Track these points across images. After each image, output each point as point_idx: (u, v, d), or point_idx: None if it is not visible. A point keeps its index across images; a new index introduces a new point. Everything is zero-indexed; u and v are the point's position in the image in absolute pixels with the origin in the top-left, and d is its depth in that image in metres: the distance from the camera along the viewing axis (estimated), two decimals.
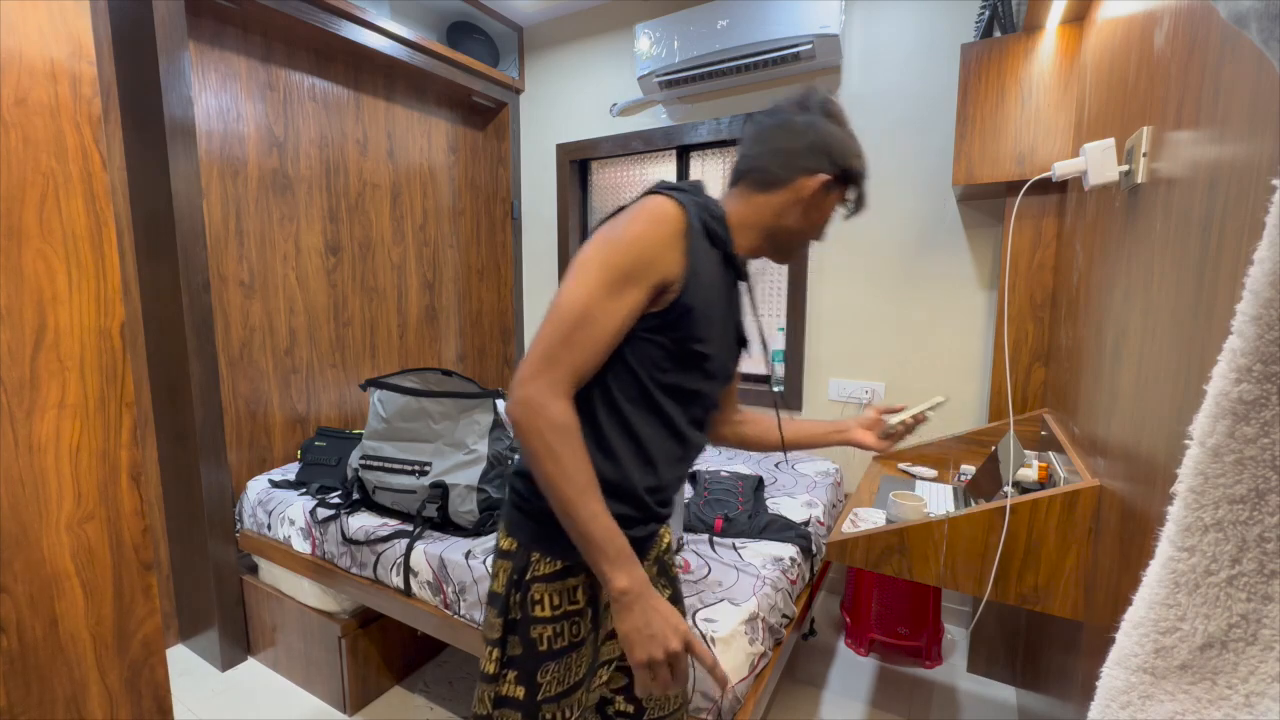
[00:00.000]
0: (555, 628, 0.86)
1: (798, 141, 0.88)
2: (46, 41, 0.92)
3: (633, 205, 0.83)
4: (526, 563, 0.86)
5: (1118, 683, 0.43)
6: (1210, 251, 0.65)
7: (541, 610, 0.86)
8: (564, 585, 0.87)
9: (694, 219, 0.82)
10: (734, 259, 0.90)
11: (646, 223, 0.79)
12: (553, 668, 0.87)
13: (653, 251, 0.78)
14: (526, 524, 0.87)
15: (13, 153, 0.89)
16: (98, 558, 1.02)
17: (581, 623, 0.88)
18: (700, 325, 0.83)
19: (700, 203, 0.86)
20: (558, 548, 0.85)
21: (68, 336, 0.97)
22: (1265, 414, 0.36)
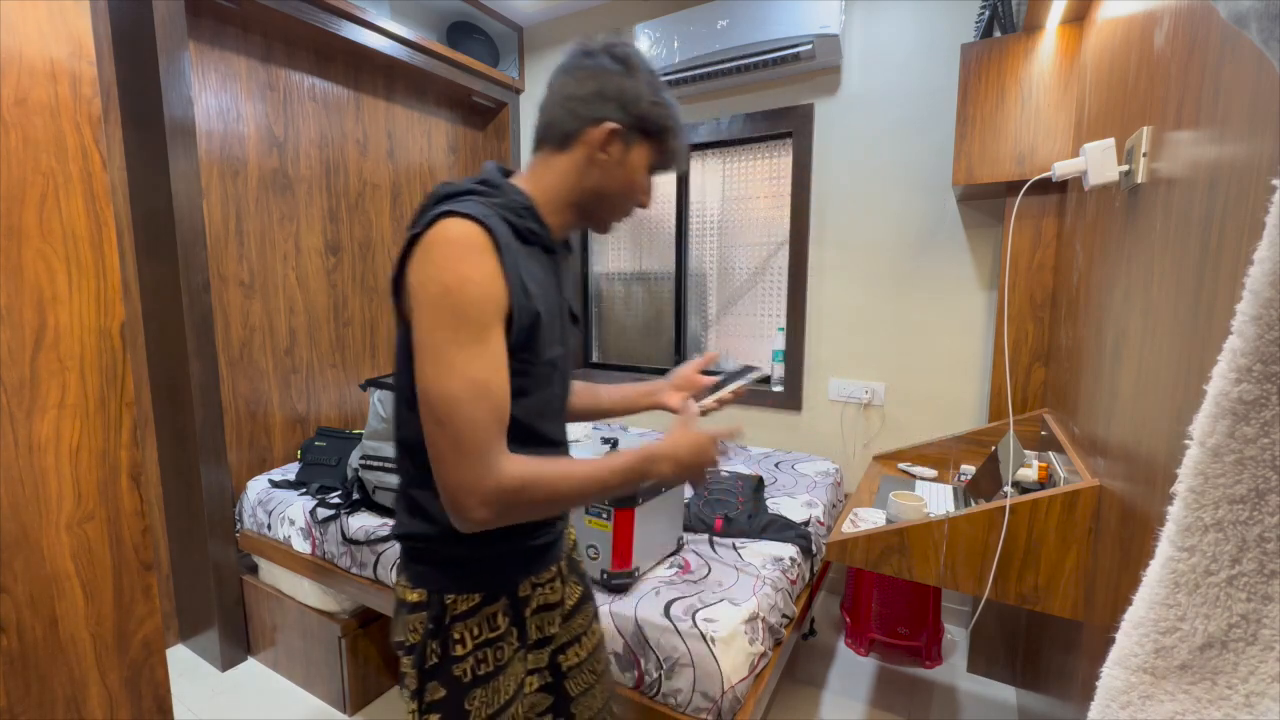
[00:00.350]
0: (477, 656, 0.83)
1: (582, 89, 0.81)
2: (46, 41, 0.92)
3: (431, 239, 0.72)
4: (442, 608, 0.82)
5: (1118, 683, 0.43)
6: (1210, 251, 0.65)
7: (462, 648, 0.83)
8: (484, 615, 0.84)
9: (498, 231, 0.74)
10: (554, 249, 0.86)
11: (464, 260, 0.71)
12: (479, 694, 0.84)
13: (486, 285, 0.72)
14: (433, 572, 0.83)
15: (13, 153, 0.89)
16: (98, 558, 1.02)
17: (505, 645, 0.86)
18: (542, 339, 0.80)
19: (499, 204, 0.78)
20: (472, 582, 0.83)
21: (68, 336, 0.97)
22: (1265, 414, 0.36)
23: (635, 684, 1.25)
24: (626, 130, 0.82)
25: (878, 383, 2.27)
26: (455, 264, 0.71)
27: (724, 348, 2.78)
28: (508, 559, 0.86)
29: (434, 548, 0.83)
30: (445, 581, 0.83)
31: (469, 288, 0.70)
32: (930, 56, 2.05)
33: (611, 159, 0.83)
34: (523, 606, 0.89)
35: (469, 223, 0.72)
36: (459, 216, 0.73)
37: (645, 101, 0.82)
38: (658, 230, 2.85)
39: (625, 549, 1.34)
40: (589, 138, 0.81)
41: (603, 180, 0.84)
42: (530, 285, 0.77)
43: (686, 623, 1.23)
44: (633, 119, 0.82)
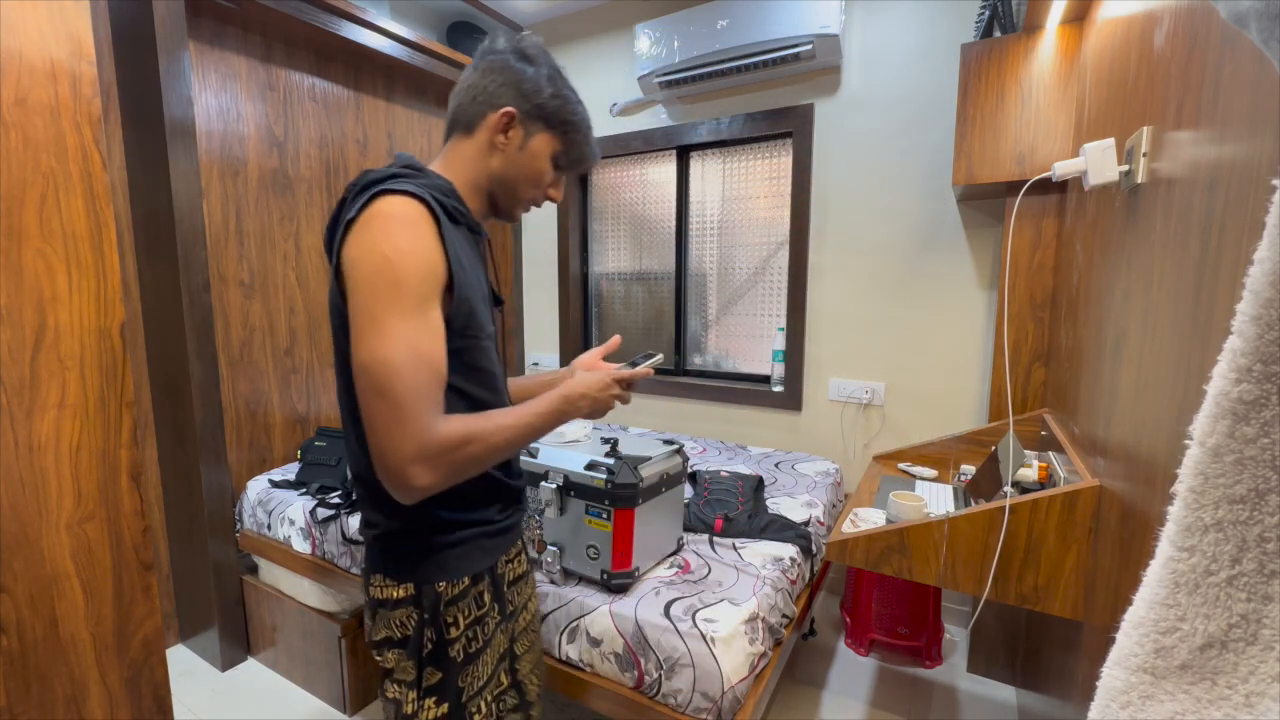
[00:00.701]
0: (468, 635, 0.87)
1: (484, 79, 0.86)
2: (46, 41, 0.92)
3: (370, 214, 0.74)
4: (435, 597, 0.84)
5: (1118, 683, 0.43)
6: (1210, 251, 0.65)
7: (455, 630, 0.86)
8: (473, 594, 0.88)
9: (435, 207, 0.77)
10: (479, 229, 0.90)
11: (403, 232, 0.73)
12: (472, 669, 0.88)
13: (428, 259, 0.74)
14: (420, 563, 0.85)
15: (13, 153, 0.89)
16: (98, 558, 1.02)
17: (490, 619, 0.90)
18: (481, 314, 0.83)
19: (429, 185, 0.81)
20: (459, 567, 0.86)
21: (68, 336, 0.97)
22: (1265, 414, 0.36)
23: (635, 684, 1.25)
24: (524, 116, 0.86)
25: (878, 383, 2.27)
26: (395, 236, 0.72)
27: (724, 348, 2.78)
28: (484, 540, 0.89)
29: (417, 540, 0.85)
30: (433, 571, 0.85)
31: (409, 259, 0.72)
32: (930, 56, 2.05)
33: (511, 144, 0.87)
34: (501, 582, 0.93)
35: (407, 198, 0.74)
36: (396, 194, 0.74)
37: (545, 93, 0.86)
38: (658, 230, 2.85)
39: (625, 549, 1.34)
40: (489, 122, 0.85)
41: (505, 166, 0.88)
42: (465, 261, 0.80)
43: (686, 623, 1.23)
44: (531, 107, 0.86)
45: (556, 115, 0.88)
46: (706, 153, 2.65)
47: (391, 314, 0.71)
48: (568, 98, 0.89)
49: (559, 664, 1.34)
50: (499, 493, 0.92)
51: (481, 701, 0.90)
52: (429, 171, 0.86)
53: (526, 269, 3.18)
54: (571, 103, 0.89)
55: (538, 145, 0.88)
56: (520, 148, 0.88)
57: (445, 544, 0.85)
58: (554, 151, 0.90)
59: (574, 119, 0.89)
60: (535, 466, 1.42)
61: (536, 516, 1.43)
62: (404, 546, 0.85)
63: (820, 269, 2.35)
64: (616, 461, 1.33)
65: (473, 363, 0.83)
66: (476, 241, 0.89)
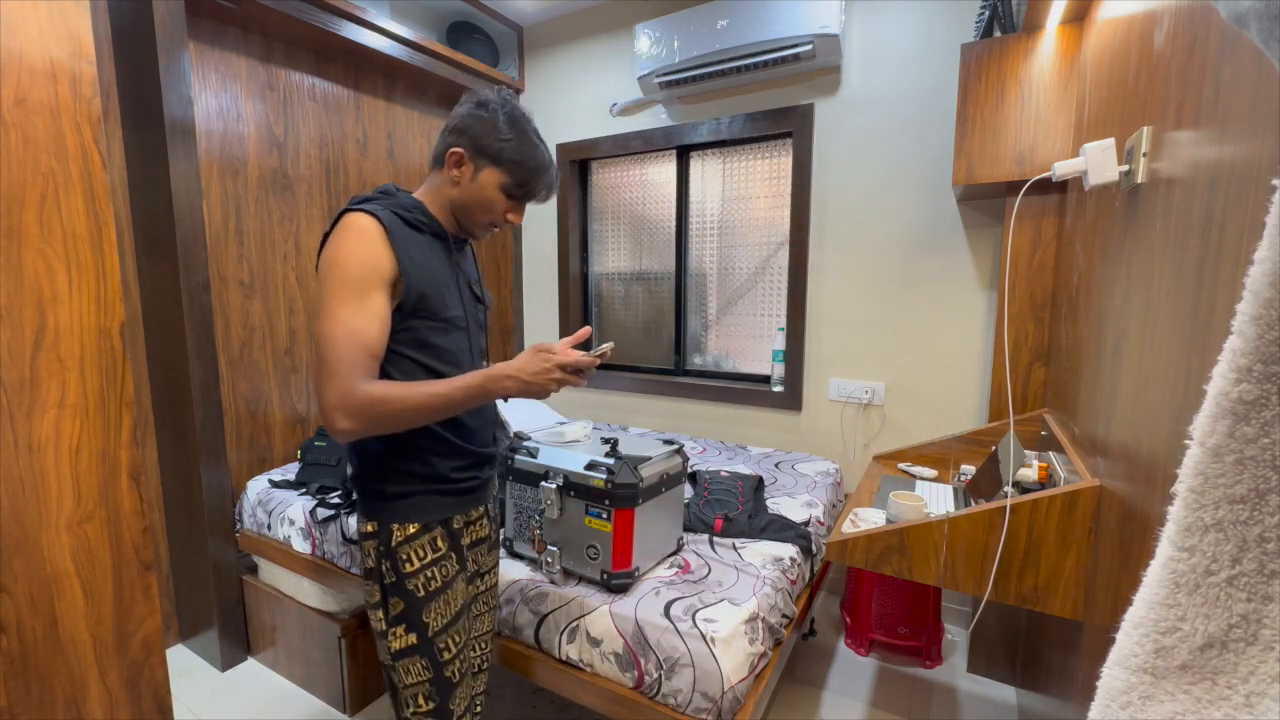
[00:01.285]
0: (427, 574, 1.06)
1: (450, 124, 1.06)
2: (46, 41, 0.92)
3: (335, 229, 0.97)
4: (389, 535, 1.04)
5: (1118, 683, 0.43)
6: (1210, 251, 0.65)
7: (411, 565, 1.04)
8: (425, 539, 1.06)
9: (385, 218, 0.97)
10: (445, 236, 1.08)
11: (353, 240, 0.95)
12: (434, 606, 1.06)
13: (368, 257, 0.94)
14: (380, 505, 1.05)
15: (13, 153, 0.89)
16: (98, 558, 1.02)
17: (448, 565, 1.09)
18: (434, 300, 1.02)
19: (391, 204, 1.02)
20: (409, 514, 1.05)
21: (68, 336, 0.97)
22: (1265, 414, 0.36)
23: (635, 684, 1.25)
24: (473, 155, 1.04)
25: (878, 383, 2.27)
26: (345, 242, 0.95)
27: (724, 348, 2.78)
28: (436, 495, 1.07)
29: (375, 486, 1.05)
30: (389, 514, 1.05)
31: (353, 259, 0.94)
32: (930, 56, 2.05)
33: (464, 177, 1.05)
34: (458, 537, 1.12)
35: (361, 214, 0.97)
36: (355, 211, 0.98)
37: (492, 136, 1.03)
38: (658, 230, 2.85)
39: (625, 549, 1.34)
40: (447, 159, 1.05)
41: (461, 195, 1.07)
42: (418, 259, 1.00)
43: (686, 623, 1.23)
44: (478, 148, 1.03)
45: (502, 154, 1.03)
46: (706, 153, 2.65)
47: (334, 300, 0.93)
48: (517, 141, 1.04)
49: (559, 664, 1.34)
50: (455, 454, 1.09)
51: (449, 639, 1.08)
52: (402, 194, 1.06)
53: (526, 269, 3.18)
54: (520, 144, 1.04)
55: (485, 178, 1.05)
56: (471, 180, 1.05)
57: (398, 493, 1.04)
58: (501, 184, 1.05)
59: (519, 157, 1.04)
60: (535, 466, 1.42)
61: (536, 516, 1.43)
62: (371, 490, 1.06)
63: (820, 269, 2.35)
64: (616, 461, 1.33)
65: (425, 339, 1.02)
66: (445, 245, 1.09)
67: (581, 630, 1.31)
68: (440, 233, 1.08)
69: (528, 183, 1.07)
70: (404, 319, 1.00)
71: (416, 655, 1.06)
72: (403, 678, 1.08)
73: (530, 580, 1.43)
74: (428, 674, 1.07)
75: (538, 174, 1.07)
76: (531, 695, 1.87)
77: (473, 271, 1.19)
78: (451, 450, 1.08)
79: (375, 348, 0.95)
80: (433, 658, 1.07)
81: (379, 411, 0.92)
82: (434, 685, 1.08)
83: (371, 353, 0.94)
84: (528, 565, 1.49)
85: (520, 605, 1.40)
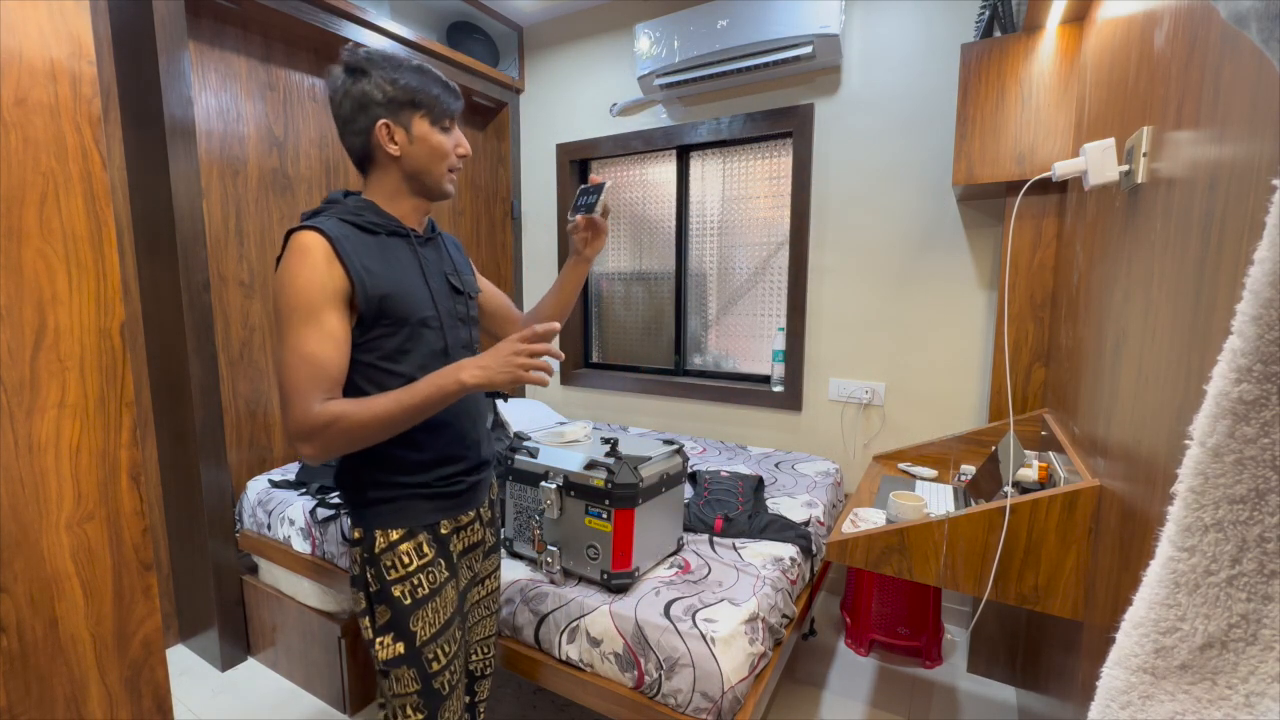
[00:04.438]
0: (414, 580, 1.02)
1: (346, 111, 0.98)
2: (46, 41, 0.92)
3: (283, 253, 0.94)
4: (372, 541, 1.02)
5: (1118, 683, 0.43)
6: (1210, 251, 0.65)
7: (396, 572, 1.01)
8: (409, 545, 1.03)
9: (333, 231, 0.93)
10: (405, 232, 1.03)
11: (297, 262, 0.91)
12: (421, 614, 1.02)
13: (316, 278, 0.90)
14: (363, 511, 1.03)
15: (13, 153, 0.89)
16: (98, 558, 1.02)
17: (436, 571, 1.05)
18: (400, 303, 0.98)
19: (338, 212, 0.97)
20: (391, 520, 1.02)
21: (68, 336, 0.97)
22: (1265, 414, 0.36)
23: (635, 684, 1.25)
24: (393, 117, 0.97)
25: (878, 383, 2.27)
26: (290, 266, 0.92)
27: (724, 348, 2.78)
28: (419, 500, 1.04)
29: (357, 492, 1.03)
30: (371, 519, 1.02)
31: (298, 281, 0.90)
32: (930, 56, 2.05)
33: (402, 144, 0.99)
34: (446, 543, 1.07)
35: (306, 231, 0.93)
36: (299, 230, 0.93)
37: (389, 88, 0.96)
38: (658, 230, 2.85)
39: (625, 549, 1.34)
40: (377, 141, 0.98)
41: (408, 163, 1.01)
42: (373, 266, 0.95)
43: (686, 623, 1.23)
44: (392, 107, 0.97)
45: (409, 96, 0.97)
46: (706, 153, 2.65)
47: (286, 327, 0.91)
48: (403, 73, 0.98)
49: (559, 664, 1.34)
50: (438, 457, 1.05)
51: (439, 649, 1.04)
52: (351, 198, 1.02)
53: (526, 269, 3.18)
54: (407, 72, 0.98)
55: (417, 128, 0.99)
56: (410, 140, 0.99)
57: (380, 499, 1.02)
58: (429, 119, 1.00)
59: (417, 84, 0.98)
60: (535, 466, 1.42)
61: (537, 516, 1.43)
62: (358, 501, 1.04)
63: (820, 269, 2.35)
64: (616, 461, 1.33)
65: (398, 346, 0.99)
66: (407, 241, 1.03)
67: (581, 630, 1.31)
68: (398, 229, 1.02)
69: (440, 101, 1.01)
70: (367, 330, 0.96)
71: (405, 665, 1.03)
72: (392, 686, 1.05)
73: (530, 580, 1.43)
74: (416, 685, 1.04)
75: (439, 86, 1.01)
76: (531, 695, 1.87)
77: (450, 262, 1.12)
78: (433, 453, 1.05)
79: (332, 369, 0.91)
80: (421, 668, 1.03)
81: (337, 430, 0.89)
82: (422, 696, 1.04)
83: (327, 375, 0.90)
84: (528, 565, 1.49)
85: (520, 605, 1.40)
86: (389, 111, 0.97)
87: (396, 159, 0.99)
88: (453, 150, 1.03)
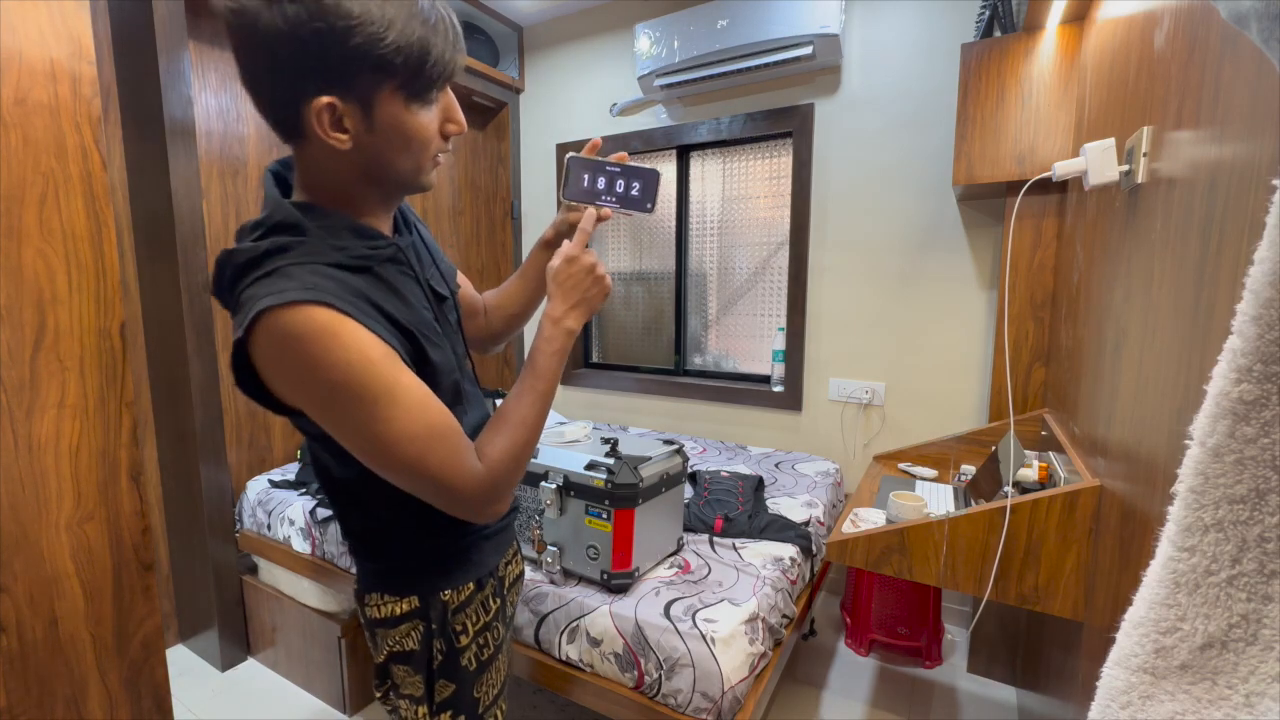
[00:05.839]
0: (478, 642, 0.84)
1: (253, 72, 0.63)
2: (46, 41, 0.92)
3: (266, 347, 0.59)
4: (442, 605, 0.80)
5: (1118, 683, 0.43)
6: (1210, 251, 0.65)
7: (465, 638, 0.82)
8: (480, 598, 0.84)
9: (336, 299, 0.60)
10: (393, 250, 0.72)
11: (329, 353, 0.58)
12: (486, 677, 0.85)
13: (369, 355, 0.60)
14: (422, 574, 0.80)
15: (13, 153, 0.89)
16: (98, 558, 1.02)
17: (499, 625, 0.87)
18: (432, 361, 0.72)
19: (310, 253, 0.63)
20: (463, 574, 0.82)
21: (68, 336, 0.97)
22: (1265, 414, 0.36)
23: (635, 684, 1.25)
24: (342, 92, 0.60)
25: (878, 383, 2.27)
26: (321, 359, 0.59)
27: (724, 348, 2.78)
28: (485, 543, 0.85)
29: (415, 553, 0.80)
30: (437, 580, 0.80)
31: (354, 371, 0.59)
32: (930, 56, 2.05)
33: (356, 134, 0.63)
34: (503, 583, 0.90)
35: (302, 310, 0.58)
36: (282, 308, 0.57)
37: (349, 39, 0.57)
38: (658, 230, 2.85)
39: (625, 549, 1.34)
40: (313, 121, 0.61)
41: (366, 159, 0.65)
42: (396, 315, 0.67)
43: (686, 623, 1.23)
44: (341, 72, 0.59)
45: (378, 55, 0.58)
46: (706, 153, 2.65)
47: (376, 424, 0.61)
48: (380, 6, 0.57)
49: (559, 664, 1.34)
50: None
51: (498, 711, 0.89)
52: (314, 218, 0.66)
53: None
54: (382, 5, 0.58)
55: (387, 111, 0.63)
56: (368, 127, 0.63)
57: (446, 550, 0.81)
58: (408, 97, 0.63)
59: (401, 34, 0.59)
60: (535, 467, 1.42)
61: (536, 516, 1.43)
62: (411, 561, 0.80)
63: (820, 269, 2.35)
64: (616, 461, 1.33)
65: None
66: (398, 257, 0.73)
67: (581, 630, 1.31)
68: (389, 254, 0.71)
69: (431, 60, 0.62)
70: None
71: None
72: None
73: (530, 580, 1.43)
74: None
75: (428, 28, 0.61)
76: (532, 695, 1.87)
77: (429, 256, 0.85)
78: None
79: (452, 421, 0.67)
80: None
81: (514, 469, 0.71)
82: None
83: (455, 431, 0.67)
84: (528, 565, 1.49)
85: (520, 605, 1.40)
86: (333, 80, 0.59)
87: (343, 155, 0.65)
88: (439, 131, 0.69)
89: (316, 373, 0.59)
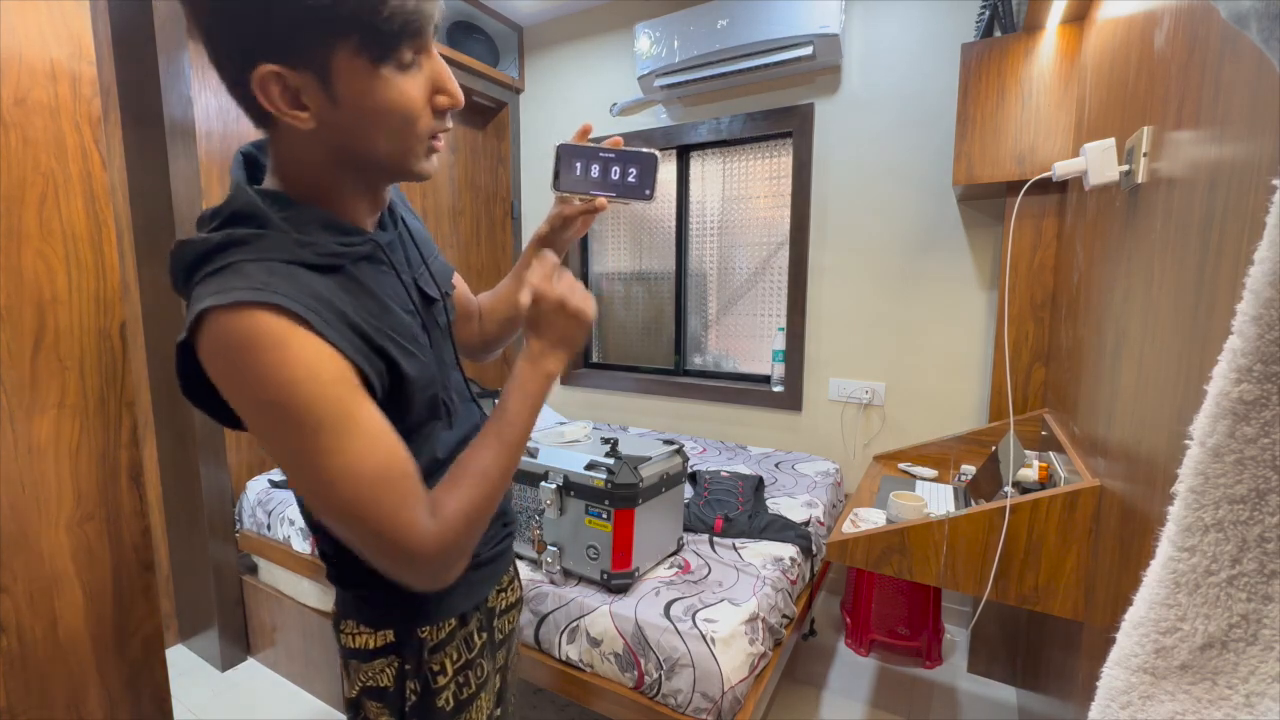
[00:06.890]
0: (458, 681, 0.77)
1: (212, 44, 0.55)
2: (46, 41, 0.92)
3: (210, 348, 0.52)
4: (418, 643, 0.73)
5: (1118, 683, 0.43)
6: (1210, 251, 0.65)
7: (444, 678, 0.75)
8: (460, 638, 0.77)
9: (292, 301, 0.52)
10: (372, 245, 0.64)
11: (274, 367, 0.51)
12: (462, 717, 0.78)
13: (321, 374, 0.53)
14: (399, 606, 0.72)
15: (13, 153, 0.89)
16: (98, 558, 1.02)
17: (483, 662, 0.80)
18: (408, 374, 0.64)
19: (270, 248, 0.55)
20: (445, 609, 0.75)
21: (68, 336, 0.97)
22: (1265, 414, 0.36)
23: (635, 684, 1.25)
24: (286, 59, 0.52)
25: (878, 383, 2.27)
26: (262, 375, 0.51)
27: (724, 348, 2.78)
28: (471, 574, 0.76)
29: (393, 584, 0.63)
30: (415, 615, 0.73)
31: (298, 392, 0.52)
32: (930, 56, 2.05)
33: (317, 111, 0.54)
34: (492, 615, 0.84)
35: (248, 314, 0.50)
36: (226, 310, 0.50)
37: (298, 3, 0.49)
38: (658, 230, 2.85)
39: (625, 549, 1.34)
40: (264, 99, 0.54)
41: (338, 139, 0.57)
42: (363, 325, 0.59)
43: (686, 623, 1.23)
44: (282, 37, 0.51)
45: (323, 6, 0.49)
46: (706, 153, 2.65)
47: (318, 456, 0.53)
48: None
49: (559, 664, 1.34)
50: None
51: None
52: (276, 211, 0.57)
53: None
54: None
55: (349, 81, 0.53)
56: (333, 104, 0.54)
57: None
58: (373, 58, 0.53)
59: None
60: (535, 467, 1.42)
61: (536, 516, 1.43)
62: (389, 595, 0.69)
63: (820, 269, 2.35)
64: (616, 461, 1.33)
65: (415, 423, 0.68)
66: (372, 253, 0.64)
67: (581, 630, 1.31)
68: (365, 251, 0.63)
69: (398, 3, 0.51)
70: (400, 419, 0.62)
71: None
72: None
73: (530, 580, 1.43)
74: None
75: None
76: (531, 695, 1.87)
77: (417, 252, 0.74)
78: None
79: (410, 467, 0.59)
80: None
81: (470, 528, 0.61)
82: None
83: (410, 477, 0.58)
84: (528, 565, 1.49)
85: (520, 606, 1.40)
86: (275, 44, 0.51)
87: (308, 137, 0.56)
88: (428, 101, 0.58)
89: (255, 389, 0.52)
